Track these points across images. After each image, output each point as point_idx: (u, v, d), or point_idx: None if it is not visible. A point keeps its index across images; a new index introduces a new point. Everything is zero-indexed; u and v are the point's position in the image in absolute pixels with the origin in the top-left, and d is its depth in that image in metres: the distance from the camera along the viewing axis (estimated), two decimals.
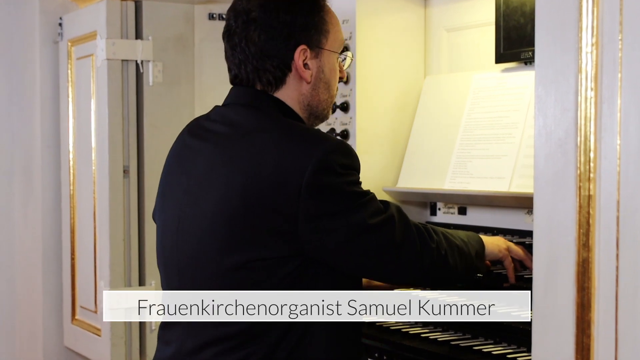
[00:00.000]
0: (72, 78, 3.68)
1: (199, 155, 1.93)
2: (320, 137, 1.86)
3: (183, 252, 1.91)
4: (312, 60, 1.96)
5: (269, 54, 1.92)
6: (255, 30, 1.92)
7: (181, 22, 3.44)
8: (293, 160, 1.79)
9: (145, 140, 3.41)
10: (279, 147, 1.82)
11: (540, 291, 1.50)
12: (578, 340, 1.43)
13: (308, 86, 1.97)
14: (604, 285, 1.40)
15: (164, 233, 1.98)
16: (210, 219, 1.84)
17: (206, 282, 1.86)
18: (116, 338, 3.41)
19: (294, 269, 1.82)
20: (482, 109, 2.55)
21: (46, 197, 3.82)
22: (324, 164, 1.80)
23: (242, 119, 1.91)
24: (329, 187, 1.80)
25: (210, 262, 1.85)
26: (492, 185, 2.42)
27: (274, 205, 1.78)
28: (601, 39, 1.40)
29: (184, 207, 1.91)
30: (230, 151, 1.86)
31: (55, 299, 3.84)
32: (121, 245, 3.39)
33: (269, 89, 1.94)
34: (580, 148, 1.43)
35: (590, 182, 1.41)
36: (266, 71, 1.93)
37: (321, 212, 1.79)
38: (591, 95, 1.41)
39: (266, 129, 1.87)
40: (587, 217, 1.42)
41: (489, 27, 2.57)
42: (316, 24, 1.95)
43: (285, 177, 1.78)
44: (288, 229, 1.79)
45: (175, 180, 1.98)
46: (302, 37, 1.93)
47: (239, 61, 1.95)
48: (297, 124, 1.92)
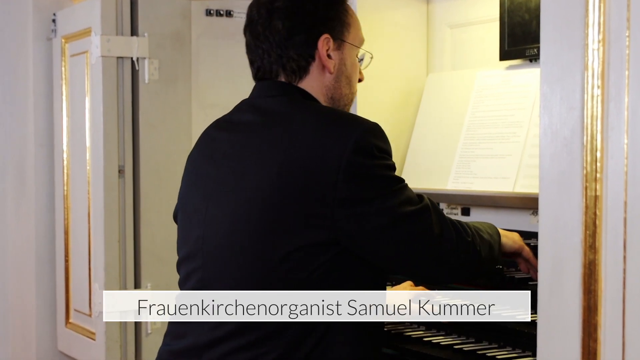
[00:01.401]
0: (66, 75, 3.69)
1: (229, 146, 1.94)
2: (355, 118, 1.89)
3: (211, 243, 1.90)
4: (334, 51, 1.99)
5: (293, 42, 1.95)
6: (279, 19, 1.95)
7: (178, 19, 3.44)
8: (329, 143, 1.81)
9: (141, 139, 3.41)
10: (314, 130, 1.84)
11: (545, 294, 1.50)
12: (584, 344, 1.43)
13: (331, 77, 2.00)
14: (610, 288, 1.40)
15: (190, 225, 1.98)
16: (244, 207, 1.85)
17: (234, 273, 1.86)
18: (111, 342, 3.41)
19: (326, 260, 1.82)
20: (486, 107, 2.55)
21: (39, 198, 3.82)
22: (361, 145, 1.81)
23: (273, 106, 1.94)
24: (366, 170, 1.81)
25: (241, 252, 1.85)
26: (496, 186, 2.42)
27: (311, 189, 1.79)
28: (608, 36, 1.40)
29: (213, 198, 1.92)
30: (264, 138, 1.88)
31: (48, 302, 3.84)
32: (116, 247, 3.39)
33: (293, 79, 1.97)
34: (587, 147, 1.43)
35: (597, 182, 1.41)
36: (290, 59, 1.96)
37: (357, 197, 1.80)
38: (598, 93, 1.41)
39: (299, 113, 1.90)
40: (593, 218, 1.42)
41: (493, 24, 2.57)
42: (339, 16, 2.00)
43: (322, 160, 1.79)
44: (324, 213, 1.79)
45: (202, 173, 1.98)
46: (325, 27, 1.98)
47: (262, 51, 1.98)
48: (329, 107, 1.96)
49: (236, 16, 3.51)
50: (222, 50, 3.49)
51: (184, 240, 2.02)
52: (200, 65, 3.47)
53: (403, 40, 2.79)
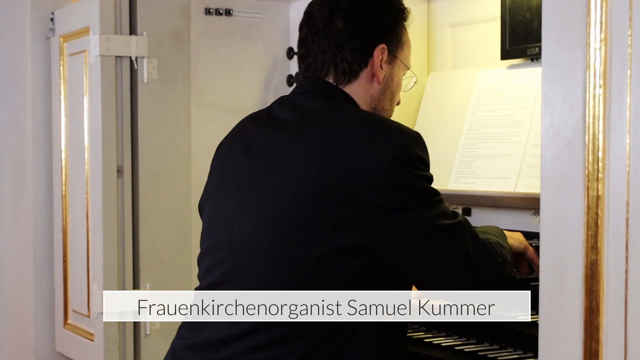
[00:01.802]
0: (65, 75, 3.68)
1: (267, 142, 1.94)
2: (399, 126, 1.89)
3: (239, 237, 1.89)
4: (386, 64, 2.02)
5: (351, 44, 1.98)
6: (341, 19, 1.98)
7: (177, 17, 3.44)
8: (371, 147, 1.80)
9: (139, 139, 3.41)
10: (355, 134, 1.84)
11: (547, 295, 1.50)
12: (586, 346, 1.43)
13: (378, 88, 2.02)
14: (612, 289, 1.40)
15: (219, 217, 1.96)
16: (277, 205, 1.84)
17: (259, 270, 1.85)
18: (109, 343, 3.41)
19: (356, 266, 1.81)
20: (487, 107, 2.55)
21: (37, 198, 3.82)
22: (404, 153, 1.81)
23: (315, 106, 1.94)
24: (406, 178, 1.81)
25: (270, 249, 1.84)
26: (497, 186, 2.42)
27: (349, 192, 1.78)
28: (610, 35, 1.40)
29: (247, 192, 1.91)
30: (303, 138, 1.87)
31: (46, 302, 3.84)
32: (115, 247, 3.38)
33: (341, 80, 1.99)
34: (589, 147, 1.42)
35: (599, 183, 1.41)
36: (344, 60, 1.98)
37: (395, 204, 1.80)
38: (600, 92, 1.41)
39: (341, 116, 1.90)
40: (595, 218, 1.42)
41: (495, 23, 2.57)
42: (398, 32, 2.05)
43: (362, 164, 1.79)
44: (361, 218, 1.78)
45: (237, 166, 1.97)
46: (384, 37, 2.01)
47: (318, 47, 1.99)
48: (372, 113, 1.97)
49: (236, 15, 3.51)
50: (222, 49, 3.49)
51: (210, 232, 2.00)
52: (200, 65, 3.47)
53: None
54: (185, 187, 3.40)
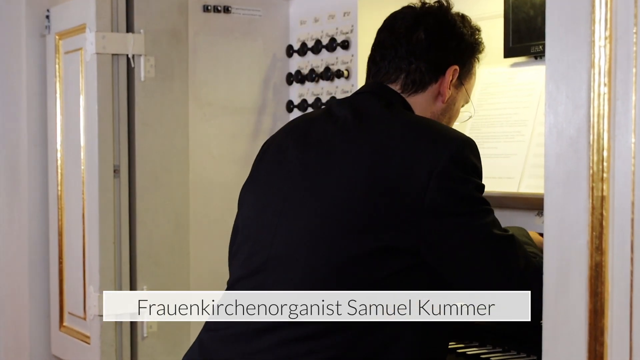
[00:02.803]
0: (60, 73, 3.68)
1: (322, 136, 1.95)
2: (455, 131, 1.93)
3: (286, 228, 1.89)
4: (453, 87, 2.07)
5: (428, 55, 2.03)
6: (424, 31, 2.04)
7: (174, 15, 3.44)
8: (426, 149, 1.82)
9: (136, 138, 3.41)
10: (412, 135, 1.86)
11: (551, 297, 1.50)
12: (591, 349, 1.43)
13: (441, 107, 2.06)
14: (617, 291, 1.40)
15: (261, 210, 1.96)
16: (327, 200, 1.85)
17: (301, 264, 1.85)
18: (106, 346, 3.41)
19: (401, 268, 1.81)
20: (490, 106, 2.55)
21: (33, 198, 3.82)
22: (458, 157, 1.82)
23: (372, 106, 1.97)
24: (459, 184, 1.82)
25: (314, 243, 1.84)
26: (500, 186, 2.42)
27: (401, 193, 1.79)
28: (615, 32, 1.40)
29: (297, 184, 1.92)
30: (358, 135, 1.89)
31: (42, 305, 3.84)
32: (111, 249, 3.39)
33: (407, 89, 2.02)
34: (593, 147, 1.42)
35: (604, 183, 1.41)
36: (417, 70, 2.03)
37: (446, 209, 1.80)
38: (604, 91, 1.41)
39: (397, 117, 1.93)
40: (600, 219, 1.42)
41: (497, 20, 2.57)
42: (472, 62, 2.12)
43: (417, 165, 1.80)
44: (411, 219, 1.79)
45: (288, 157, 1.98)
46: (459, 60, 2.07)
47: (395, 53, 2.04)
48: (425, 118, 1.98)
49: (234, 12, 3.51)
50: (220, 47, 3.49)
51: (253, 220, 1.99)
52: (198, 63, 3.47)
53: None
54: (183, 188, 3.40)
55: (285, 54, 3.46)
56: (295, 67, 3.40)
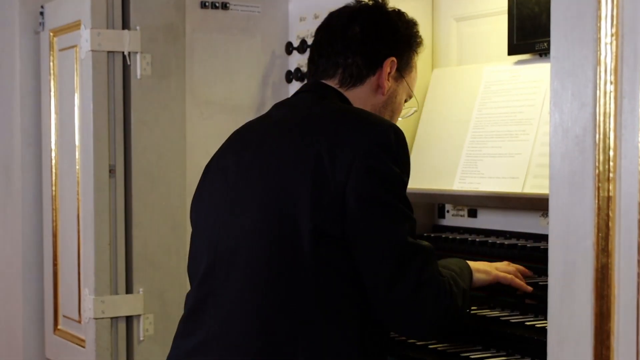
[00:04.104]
0: (55, 71, 3.69)
1: (259, 137, 2.03)
2: (382, 118, 2.00)
3: (230, 226, 1.97)
4: (392, 79, 2.13)
5: (364, 49, 2.09)
6: (359, 25, 2.10)
7: (171, 11, 3.44)
8: (352, 134, 1.88)
9: (132, 137, 3.41)
10: (338, 123, 1.93)
11: (556, 300, 1.50)
12: (597, 352, 1.43)
13: (382, 99, 2.12)
14: (624, 293, 1.40)
15: (209, 212, 2.03)
16: (263, 194, 1.92)
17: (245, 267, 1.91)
18: (101, 349, 3.41)
19: (342, 257, 1.87)
20: (494, 104, 2.56)
21: (26, 199, 3.82)
22: (382, 140, 1.88)
23: (306, 103, 2.04)
24: (381, 164, 1.87)
25: (261, 243, 1.91)
26: (504, 186, 2.42)
27: (331, 179, 1.84)
28: (621, 29, 1.40)
29: (236, 184, 1.99)
30: (290, 132, 1.96)
31: (36, 308, 3.84)
32: (107, 250, 3.39)
33: (345, 83, 2.08)
34: (599, 146, 1.43)
35: (610, 183, 1.41)
36: (354, 64, 2.08)
37: (367, 190, 1.85)
38: (611, 89, 1.41)
39: (327, 108, 2.00)
40: (606, 220, 1.42)
41: (501, 17, 2.57)
42: (410, 54, 2.18)
43: (343, 150, 1.85)
44: (340, 204, 1.84)
45: (228, 162, 2.06)
46: (396, 52, 2.12)
47: (331, 50, 2.10)
48: (356, 107, 2.04)
49: (232, 8, 3.51)
50: (218, 44, 3.49)
51: (200, 225, 2.08)
52: (195, 60, 3.47)
53: None
54: (179, 188, 3.40)
55: (284, 51, 3.46)
56: (294, 65, 3.40)
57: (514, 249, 2.39)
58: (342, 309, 1.88)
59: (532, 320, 2.14)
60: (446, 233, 2.68)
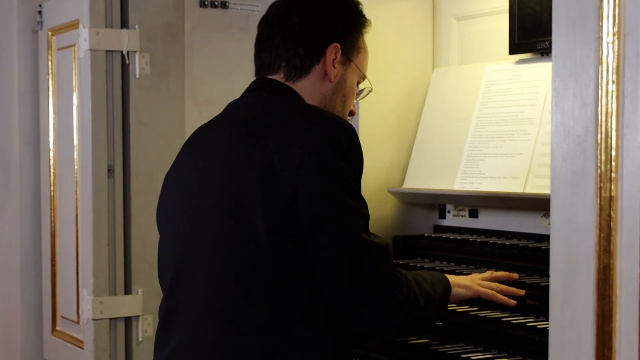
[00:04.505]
0: (53, 70, 3.69)
1: (209, 142, 2.03)
2: (331, 115, 1.98)
3: (187, 234, 1.99)
4: (339, 64, 2.09)
5: (304, 39, 2.06)
6: (297, 14, 2.07)
7: (170, 10, 3.44)
8: (300, 132, 1.88)
9: (131, 137, 3.41)
10: (286, 122, 1.92)
11: (557, 300, 1.50)
12: (598, 353, 1.43)
13: (330, 86, 2.09)
14: (626, 294, 1.40)
15: (171, 223, 2.05)
16: (218, 197, 1.93)
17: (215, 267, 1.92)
18: (100, 350, 3.41)
19: (301, 257, 1.88)
20: (495, 104, 2.56)
21: (24, 199, 3.82)
22: (330, 137, 1.87)
23: (254, 103, 2.04)
24: (331, 161, 1.86)
25: (220, 247, 1.91)
26: (505, 186, 2.42)
27: (283, 178, 1.84)
28: (623, 28, 1.40)
29: (190, 191, 2.00)
30: (241, 134, 1.96)
31: (34, 308, 3.84)
32: (105, 251, 3.39)
33: (292, 76, 2.06)
34: (601, 146, 1.43)
35: (612, 183, 1.41)
36: (296, 55, 2.06)
37: (318, 188, 1.85)
38: (613, 88, 1.41)
39: (276, 107, 2.00)
40: (608, 220, 1.42)
41: (503, 15, 2.57)
42: (354, 35, 2.13)
43: (292, 149, 1.85)
44: (293, 204, 1.84)
45: (183, 166, 2.07)
46: (338, 37, 2.09)
47: (272, 43, 2.08)
48: (304, 103, 2.03)
49: (232, 7, 3.51)
50: (217, 43, 3.49)
51: (163, 237, 2.10)
52: (194, 59, 3.47)
53: (407, 33, 2.79)
54: None
55: None
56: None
57: (515, 250, 2.39)
58: (308, 307, 1.89)
59: (534, 322, 2.14)
60: (447, 233, 2.68)
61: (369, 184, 2.70)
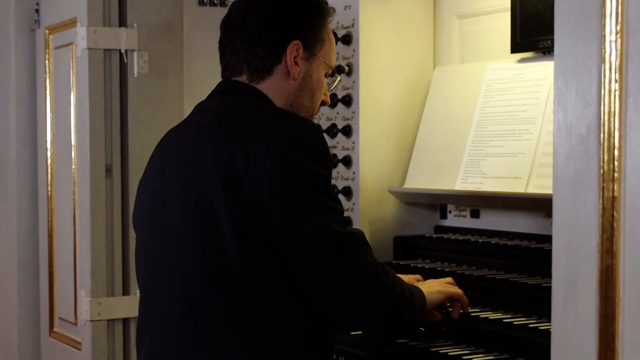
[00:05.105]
0: (50, 69, 3.69)
1: (175, 147, 2.05)
2: (293, 115, 1.99)
3: (156, 239, 2.02)
4: (302, 60, 2.09)
5: (263, 40, 2.05)
6: (254, 15, 2.06)
7: (169, 8, 3.44)
8: (262, 135, 1.89)
9: (129, 136, 3.41)
10: (249, 125, 1.94)
11: (559, 301, 1.50)
12: (601, 355, 1.43)
13: (295, 84, 2.09)
14: (629, 295, 1.40)
15: (143, 232, 2.09)
16: (184, 205, 1.94)
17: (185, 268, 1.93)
18: (98, 352, 3.41)
19: (270, 259, 1.89)
20: (497, 103, 2.56)
21: (22, 199, 3.82)
22: (292, 138, 1.88)
23: (218, 106, 2.06)
24: (294, 162, 1.87)
25: (186, 251, 1.93)
26: (507, 186, 2.42)
27: (247, 182, 1.85)
28: (626, 27, 1.40)
29: (159, 197, 2.02)
30: (203, 137, 1.98)
31: (31, 310, 3.84)
32: (103, 251, 3.39)
33: (255, 78, 2.06)
34: (604, 145, 1.42)
35: (615, 183, 1.41)
36: (257, 57, 2.05)
37: (284, 191, 1.86)
38: (615, 87, 1.41)
39: (239, 110, 2.01)
40: (610, 220, 1.42)
41: (504, 14, 2.57)
42: (315, 29, 2.11)
43: (255, 152, 1.86)
44: (258, 207, 1.85)
45: (153, 172, 2.09)
46: (298, 34, 2.07)
47: (233, 46, 2.08)
48: (271, 106, 2.04)
49: None
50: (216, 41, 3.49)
51: (138, 244, 2.14)
52: (193, 58, 3.47)
53: (408, 31, 2.79)
54: None
55: None
56: None
57: (517, 250, 2.39)
58: (280, 309, 1.90)
59: (536, 322, 2.14)
60: (448, 234, 2.68)
61: (369, 184, 2.70)
